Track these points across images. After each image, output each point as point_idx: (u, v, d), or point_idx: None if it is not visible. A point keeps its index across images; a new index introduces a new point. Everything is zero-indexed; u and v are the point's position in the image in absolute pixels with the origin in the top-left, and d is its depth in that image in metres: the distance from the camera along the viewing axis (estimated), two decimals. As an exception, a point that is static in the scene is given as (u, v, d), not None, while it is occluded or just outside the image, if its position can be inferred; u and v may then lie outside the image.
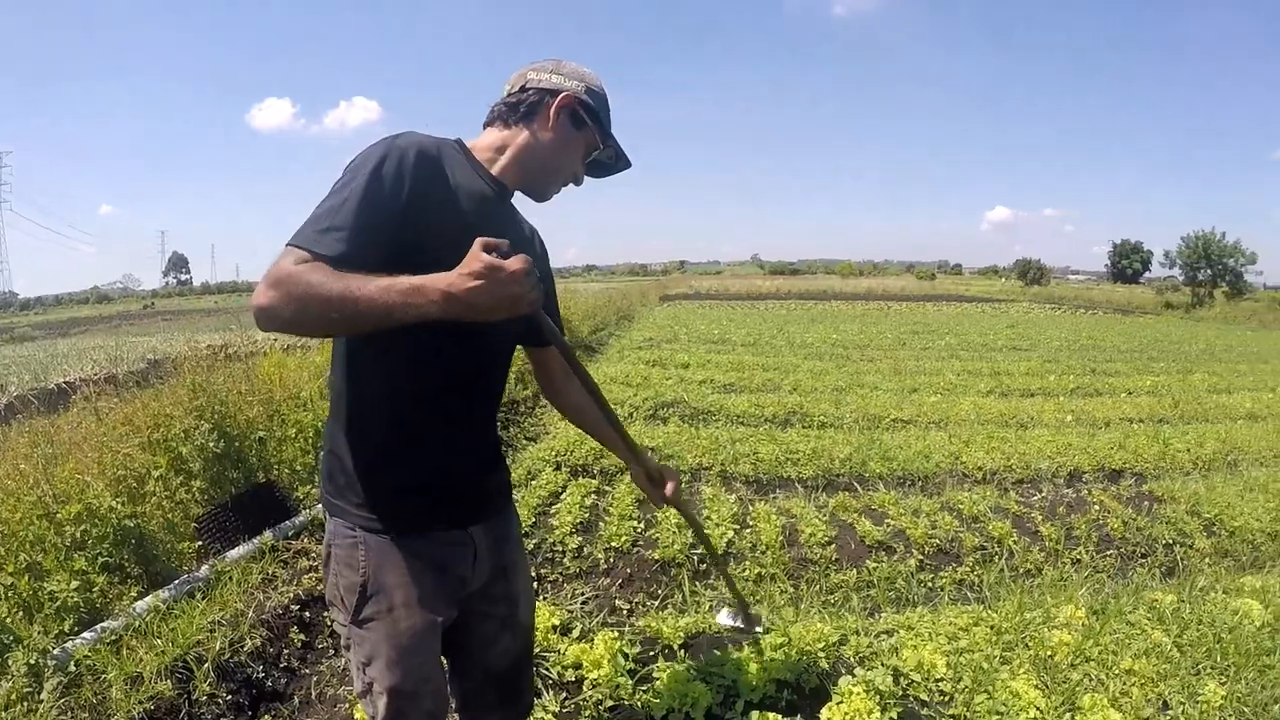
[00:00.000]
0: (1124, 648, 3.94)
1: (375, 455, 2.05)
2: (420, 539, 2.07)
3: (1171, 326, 33.88)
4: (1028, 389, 13.01)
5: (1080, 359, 17.76)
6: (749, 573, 5.11)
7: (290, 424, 6.38)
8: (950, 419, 10.13)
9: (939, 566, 5.41)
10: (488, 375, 2.21)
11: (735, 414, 9.79)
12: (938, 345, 20.08)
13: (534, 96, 2.12)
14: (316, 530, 5.25)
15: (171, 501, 4.99)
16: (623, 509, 5.77)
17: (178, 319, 38.35)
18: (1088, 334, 25.79)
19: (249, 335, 12.66)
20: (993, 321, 31.19)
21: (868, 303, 46.60)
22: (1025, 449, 8.25)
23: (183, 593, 4.25)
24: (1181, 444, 8.89)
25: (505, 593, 2.34)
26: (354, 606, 2.06)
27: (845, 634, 3.98)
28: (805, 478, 7.20)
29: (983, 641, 3.96)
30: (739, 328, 23.13)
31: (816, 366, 14.63)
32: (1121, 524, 6.13)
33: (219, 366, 7.12)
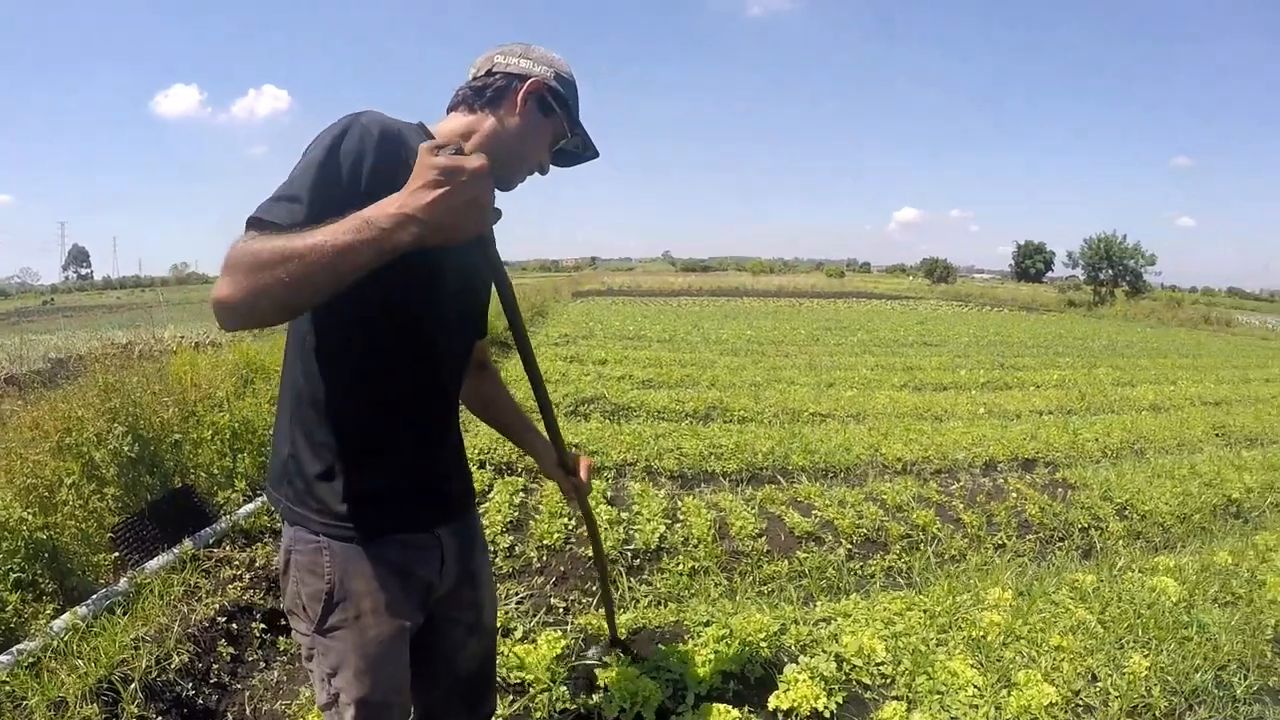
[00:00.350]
0: (1051, 626, 4.07)
1: (337, 458, 1.94)
2: (387, 543, 1.99)
3: (1075, 323, 34.71)
4: (940, 383, 13.27)
5: (989, 354, 18.15)
6: (683, 567, 5.12)
7: (206, 425, 6.19)
8: (867, 412, 10.29)
9: (867, 555, 5.50)
10: (449, 372, 2.12)
11: (656, 409, 9.78)
12: (850, 341, 20.32)
13: (501, 81, 2.01)
14: (239, 537, 5.11)
15: (85, 511, 4.76)
16: (553, 507, 5.72)
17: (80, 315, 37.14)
18: (995, 330, 26.31)
19: (156, 333, 12.35)
20: (903, 318, 31.63)
21: (779, 299, 46.96)
22: (942, 440, 8.43)
23: (102, 608, 4.07)
24: (1090, 434, 9.18)
25: (472, 599, 2.28)
26: (318, 615, 1.97)
27: (785, 623, 4.01)
28: (730, 471, 7.24)
29: (918, 625, 4.04)
30: (654, 324, 23.12)
31: (733, 362, 14.72)
32: (1039, 510, 6.30)
33: (131, 365, 6.87)
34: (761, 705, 3.40)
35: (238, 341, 9.37)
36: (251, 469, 6.04)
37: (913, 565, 5.39)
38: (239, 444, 6.22)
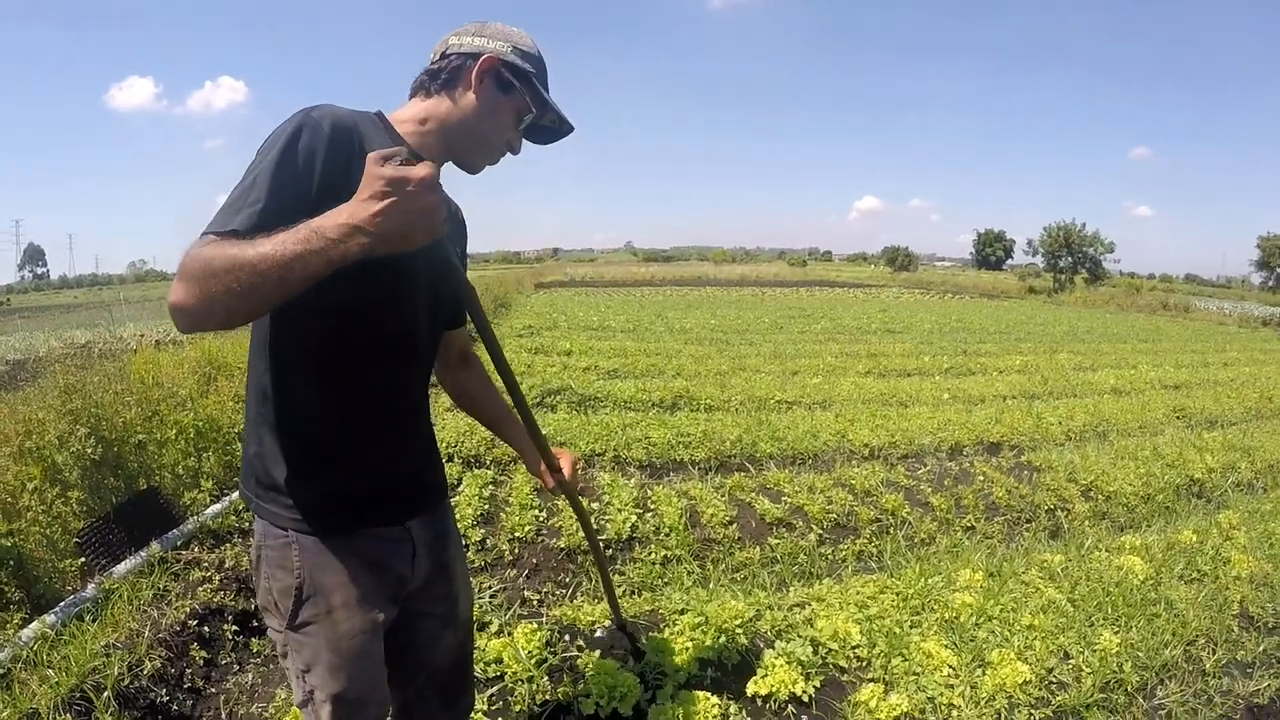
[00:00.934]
0: (1022, 605, 4.12)
1: (304, 453, 1.93)
2: (357, 537, 1.98)
3: (1036, 310, 35.06)
4: (904, 369, 13.33)
5: (952, 340, 18.29)
6: (655, 555, 5.12)
7: (170, 425, 6.08)
8: (833, 399, 10.33)
9: (838, 540, 5.53)
10: (415, 365, 2.08)
11: (623, 399, 9.77)
12: (814, 329, 20.36)
13: (456, 62, 1.97)
14: (207, 538, 5.04)
15: (49, 516, 4.64)
16: (523, 499, 5.70)
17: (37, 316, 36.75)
18: (957, 317, 26.50)
19: (115, 332, 12.20)
20: (865, 306, 31.78)
21: (742, 289, 47.04)
22: (907, 426, 8.47)
23: (70, 615, 4.00)
24: (1054, 417, 9.26)
25: (446, 591, 2.26)
26: (289, 611, 1.95)
27: (760, 610, 4.02)
28: (698, 460, 7.24)
29: (891, 608, 4.08)
30: (618, 314, 23.09)
31: (698, 351, 14.73)
32: (1006, 493, 6.36)
33: (92, 365, 6.76)
34: (740, 692, 3.41)
35: (200, 339, 9.27)
36: (217, 468, 5.97)
37: (884, 549, 5.43)
38: (204, 443, 6.13)
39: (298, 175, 1.65)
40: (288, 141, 1.66)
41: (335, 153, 1.69)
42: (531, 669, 3.55)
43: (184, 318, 1.51)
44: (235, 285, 1.43)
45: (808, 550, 5.32)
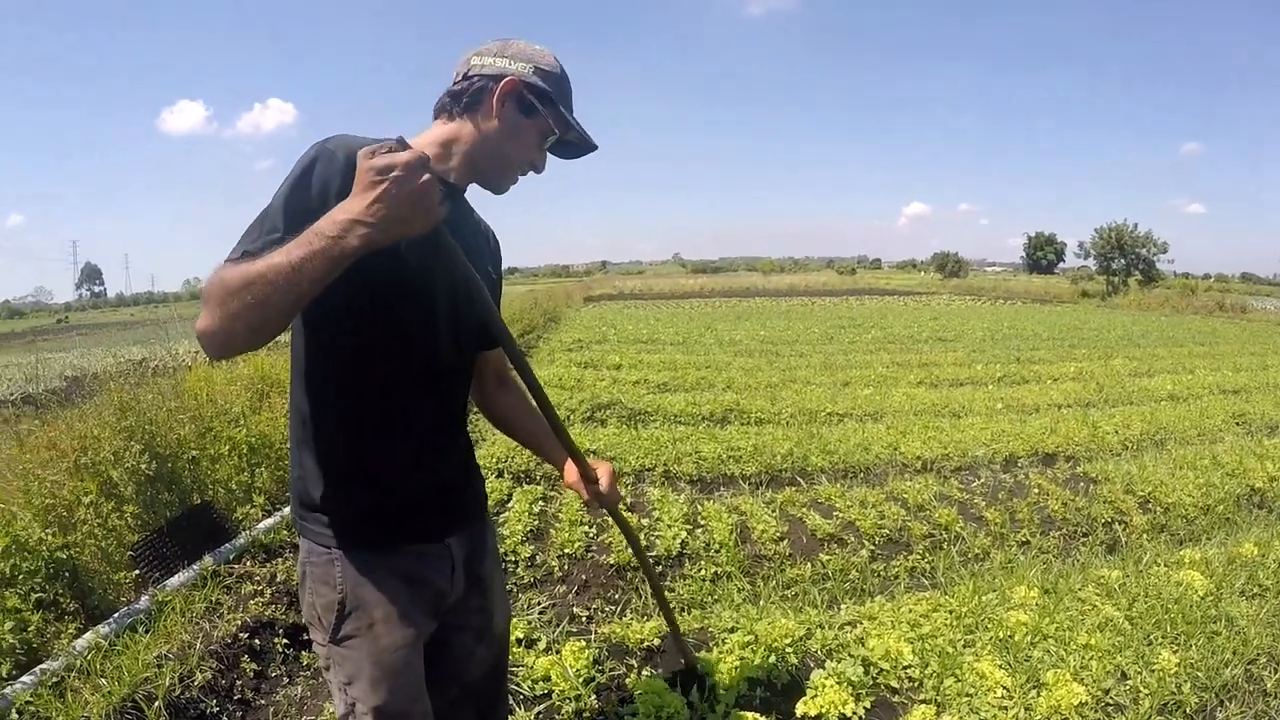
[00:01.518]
0: (1078, 624, 4.04)
1: (340, 474, 1.98)
2: (397, 553, 2.01)
3: (1089, 314, 34.61)
4: (956, 379, 13.20)
5: (1004, 348, 18.07)
6: (705, 572, 5.10)
7: (223, 441, 6.17)
8: (884, 411, 10.25)
9: (890, 556, 5.47)
10: (447, 384, 2.09)
11: (673, 413, 9.77)
12: (865, 339, 20.26)
13: (478, 84, 1.97)
14: (259, 553, 5.11)
15: (104, 529, 4.74)
16: (572, 515, 5.71)
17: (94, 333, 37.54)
18: (1009, 324, 26.22)
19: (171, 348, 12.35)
20: (916, 314, 31.56)
21: (792, 299, 46.95)
22: (960, 437, 8.39)
23: (124, 626, 4.06)
24: (1109, 426, 9.11)
25: (481, 605, 2.28)
26: (332, 625, 1.99)
27: (810, 628, 4.00)
28: (749, 474, 7.22)
29: (944, 627, 4.03)
30: (667, 327, 23.13)
31: (748, 364, 14.66)
32: (1061, 505, 6.25)
33: (146, 382, 6.85)
34: (789, 712, 3.39)
35: (253, 356, 9.37)
36: (270, 484, 6.05)
37: (937, 565, 5.36)
38: (256, 459, 6.22)
39: (310, 205, 1.67)
40: (301, 173, 1.72)
41: (348, 182, 1.67)
42: (579, 687, 3.55)
43: (210, 342, 1.61)
44: (250, 299, 1.51)
45: (859, 567, 5.27)
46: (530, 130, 2.01)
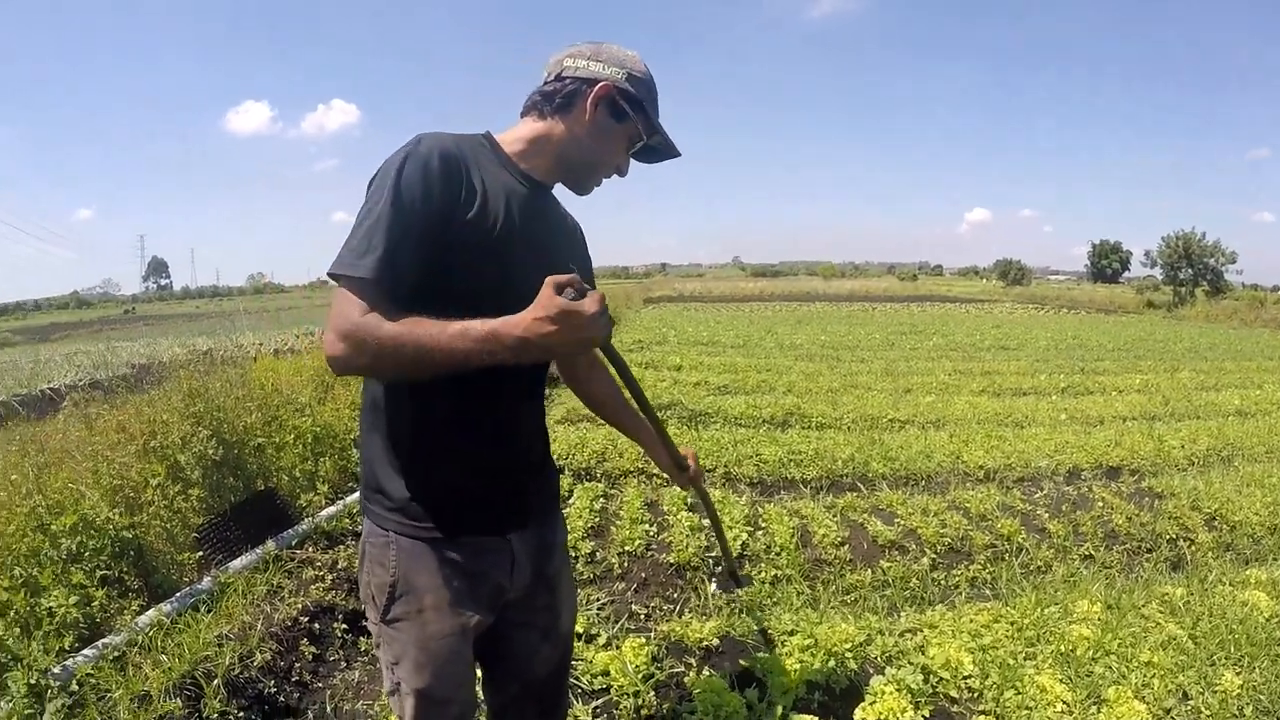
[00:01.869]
0: (1141, 641, 4.00)
1: (407, 460, 2.00)
2: (454, 543, 2.02)
3: (1155, 325, 34.11)
4: (1019, 388, 13.09)
5: (1068, 358, 17.89)
6: (764, 575, 5.11)
7: (289, 430, 6.31)
8: (947, 419, 10.20)
9: (951, 565, 5.44)
10: (522, 377, 2.11)
11: (733, 415, 9.79)
12: (926, 346, 20.15)
13: (570, 86, 2.01)
14: (321, 539, 5.21)
15: (170, 511, 4.87)
16: (633, 512, 5.75)
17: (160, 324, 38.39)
18: (1073, 334, 25.91)
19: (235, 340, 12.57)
20: (978, 322, 31.33)
21: (852, 304, 46.80)
22: (1024, 447, 8.31)
23: (186, 605, 4.16)
24: (1176, 440, 8.97)
25: (548, 603, 2.28)
26: (383, 605, 2.03)
27: (870, 634, 4.00)
28: (809, 479, 7.23)
29: (1005, 638, 4.01)
30: (727, 330, 23.15)
31: (809, 368, 14.65)
32: (1126, 520, 6.17)
33: (214, 371, 6.97)
34: (847, 717, 3.40)
35: (317, 349, 9.48)
36: (332, 473, 6.17)
37: (998, 576, 5.32)
38: (320, 448, 6.34)
39: (414, 212, 1.75)
40: (395, 180, 1.76)
41: (446, 183, 1.80)
42: (638, 684, 3.58)
43: (347, 369, 1.74)
44: (408, 365, 1.69)
45: (920, 575, 5.25)
46: (620, 135, 2.06)
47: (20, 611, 3.60)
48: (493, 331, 1.63)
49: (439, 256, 1.78)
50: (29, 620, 3.61)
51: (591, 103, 2.00)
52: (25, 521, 4.13)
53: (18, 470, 4.66)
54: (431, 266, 1.76)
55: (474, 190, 1.86)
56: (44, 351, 25.00)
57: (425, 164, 1.78)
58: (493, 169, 1.95)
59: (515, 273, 1.76)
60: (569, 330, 1.60)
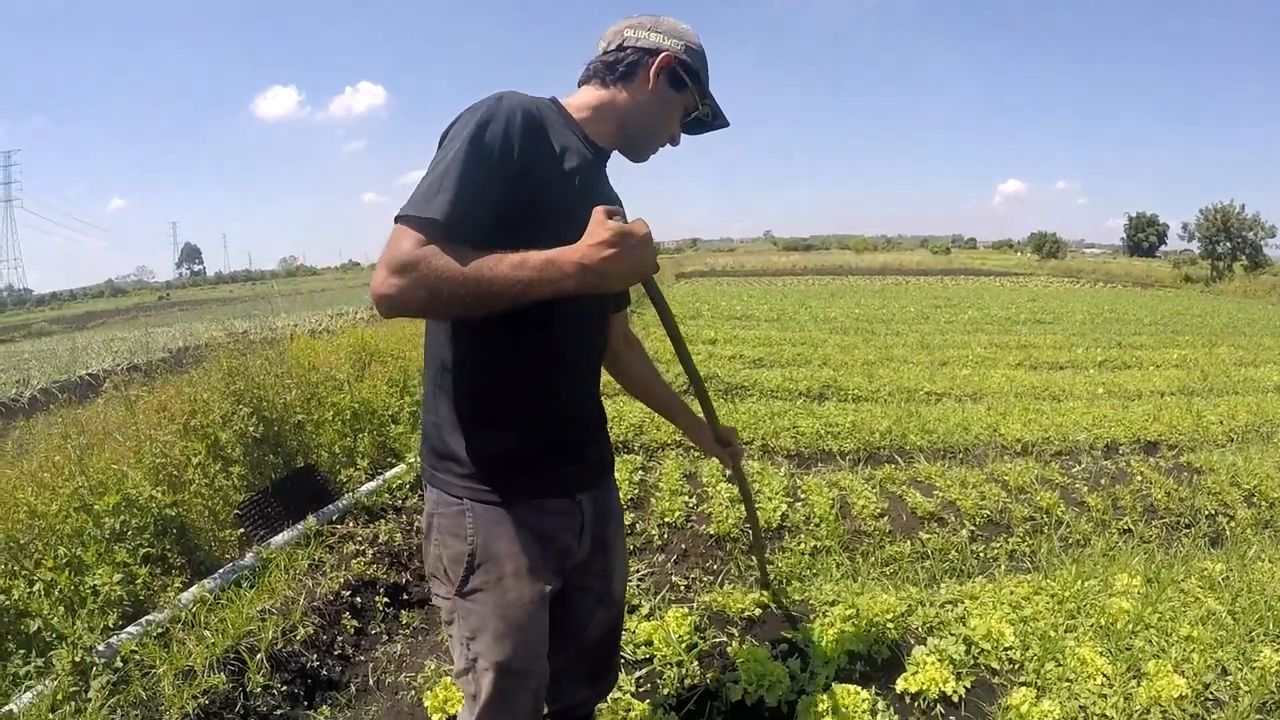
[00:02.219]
0: (1180, 615, 3.99)
1: (482, 422, 2.00)
2: (530, 507, 2.03)
3: (1192, 300, 33.78)
4: (1056, 362, 13.04)
5: (1105, 332, 17.78)
6: (804, 546, 5.14)
7: (327, 407, 6.38)
8: (983, 392, 10.19)
9: (990, 537, 5.46)
10: (592, 336, 2.17)
11: (769, 388, 9.81)
12: (961, 319, 20.09)
13: (632, 56, 2.07)
14: (361, 514, 5.26)
15: (211, 489, 4.93)
16: (672, 484, 5.78)
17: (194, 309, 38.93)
18: (1109, 307, 25.72)
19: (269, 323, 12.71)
20: (1013, 295, 31.12)
21: (885, 277, 46.60)
22: (1061, 421, 8.30)
23: (229, 581, 4.22)
24: (1214, 416, 8.91)
25: (603, 567, 2.30)
26: (460, 578, 2.02)
27: (911, 605, 4.02)
28: (846, 451, 7.24)
29: (1045, 610, 4.02)
30: (760, 304, 23.08)
31: (844, 341, 14.64)
32: (1165, 495, 6.16)
33: (252, 350, 7.02)
34: (889, 686, 3.43)
35: (353, 327, 9.56)
36: (371, 448, 6.24)
37: (1037, 549, 5.33)
38: (359, 424, 6.43)
39: (491, 164, 1.76)
40: (477, 131, 1.77)
41: (527, 141, 1.81)
42: (681, 653, 3.62)
43: (397, 308, 1.67)
44: (469, 298, 1.64)
45: (959, 547, 5.27)
46: (677, 104, 2.12)
47: (65, 590, 3.64)
48: (550, 259, 1.66)
49: (509, 213, 1.79)
50: (73, 599, 3.66)
51: (655, 72, 2.05)
52: (68, 502, 4.19)
53: (60, 452, 4.72)
54: (499, 221, 1.76)
55: (551, 151, 1.90)
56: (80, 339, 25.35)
57: (509, 119, 1.80)
58: (565, 134, 1.98)
59: (576, 227, 1.76)
60: (625, 251, 1.68)
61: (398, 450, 6.49)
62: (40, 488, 4.31)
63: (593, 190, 1.98)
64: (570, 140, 1.98)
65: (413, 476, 5.88)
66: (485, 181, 1.75)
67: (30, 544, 3.90)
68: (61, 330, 38.89)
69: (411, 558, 4.90)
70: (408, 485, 5.80)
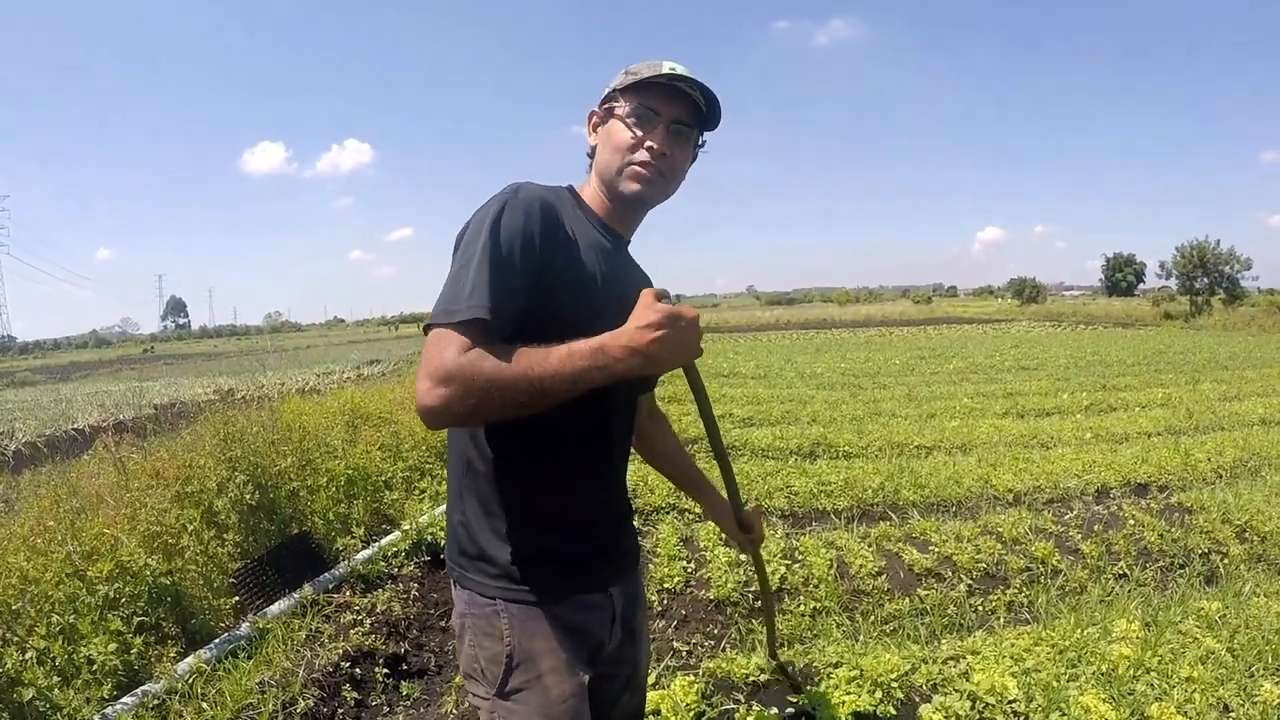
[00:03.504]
0: (1180, 656, 4.05)
1: (512, 522, 1.93)
2: (565, 605, 1.96)
3: (1173, 337, 34.04)
4: (1043, 409, 13.13)
5: (1089, 375, 17.90)
6: (804, 608, 5.16)
7: (322, 473, 6.39)
8: (973, 443, 10.26)
9: (988, 590, 5.49)
10: (625, 426, 2.12)
11: (760, 447, 9.89)
12: (946, 369, 20.22)
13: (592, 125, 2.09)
14: (358, 583, 5.26)
15: (205, 556, 4.90)
16: (670, 549, 5.80)
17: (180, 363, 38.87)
18: (1092, 350, 25.93)
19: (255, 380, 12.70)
20: (996, 342, 31.28)
21: (869, 329, 46.88)
22: (1051, 468, 8.36)
23: (225, 651, 4.22)
24: (1202, 453, 9.01)
25: (631, 655, 2.24)
26: (499, 679, 1.93)
27: (914, 663, 4.04)
28: (841, 509, 7.29)
29: (1047, 661, 4.05)
30: (746, 360, 23.25)
31: (831, 396, 14.73)
32: (1158, 537, 6.21)
33: (240, 410, 7.05)
34: (897, 746, 3.46)
35: (339, 389, 9.56)
36: (366, 515, 6.27)
37: (1035, 599, 5.36)
38: (354, 490, 6.46)
39: (514, 258, 1.74)
40: (494, 226, 1.75)
41: (546, 231, 1.80)
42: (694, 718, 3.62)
43: (447, 418, 1.65)
44: (522, 398, 1.61)
45: (957, 601, 5.30)
46: (617, 127, 2.00)
47: (59, 659, 3.63)
48: (600, 346, 1.62)
49: (534, 306, 1.76)
50: (67, 668, 3.65)
51: (592, 126, 2.08)
52: (61, 567, 4.19)
53: (52, 515, 4.71)
54: (526, 316, 1.73)
55: (570, 241, 1.87)
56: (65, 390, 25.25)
57: (526, 211, 1.79)
58: (581, 224, 1.96)
59: (603, 324, 1.71)
60: (675, 334, 1.63)
61: (393, 517, 6.51)
62: (33, 552, 4.30)
63: (616, 277, 1.96)
64: (585, 229, 1.97)
65: (409, 544, 5.89)
66: (512, 276, 1.72)
67: (23, 610, 3.88)
68: (46, 380, 38.68)
69: (410, 627, 4.91)
70: (404, 553, 5.80)
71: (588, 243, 1.93)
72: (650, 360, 1.63)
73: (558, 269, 1.81)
